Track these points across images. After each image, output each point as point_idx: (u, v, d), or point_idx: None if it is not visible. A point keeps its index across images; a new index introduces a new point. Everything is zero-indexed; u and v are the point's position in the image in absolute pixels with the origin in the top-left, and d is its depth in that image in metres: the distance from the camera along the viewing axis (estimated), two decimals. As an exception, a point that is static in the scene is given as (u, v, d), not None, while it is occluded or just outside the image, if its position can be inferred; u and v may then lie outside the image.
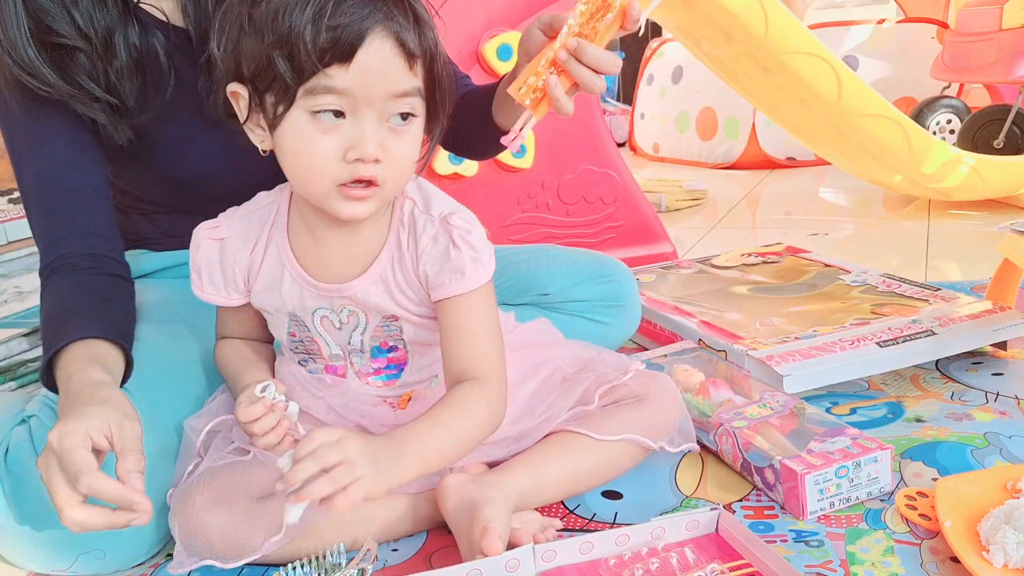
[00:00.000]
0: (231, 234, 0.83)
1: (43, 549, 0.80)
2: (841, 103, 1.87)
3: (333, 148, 0.71)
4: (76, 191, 0.88)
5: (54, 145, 0.88)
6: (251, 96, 0.73)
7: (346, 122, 0.71)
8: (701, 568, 0.73)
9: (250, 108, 0.74)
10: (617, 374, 0.91)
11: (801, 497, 0.82)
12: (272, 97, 0.71)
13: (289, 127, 0.72)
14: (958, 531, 0.74)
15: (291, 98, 0.70)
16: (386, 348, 0.85)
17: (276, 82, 0.70)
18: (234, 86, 0.74)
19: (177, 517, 0.77)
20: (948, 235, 1.92)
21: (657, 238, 1.82)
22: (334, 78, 0.69)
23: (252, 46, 0.71)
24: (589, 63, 0.80)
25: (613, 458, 0.88)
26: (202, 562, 0.76)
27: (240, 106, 0.75)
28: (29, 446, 0.80)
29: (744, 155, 3.00)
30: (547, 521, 0.82)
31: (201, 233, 0.84)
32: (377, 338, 0.84)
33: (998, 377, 1.12)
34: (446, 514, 0.80)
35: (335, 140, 0.71)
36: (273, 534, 0.75)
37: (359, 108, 0.70)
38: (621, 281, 1.15)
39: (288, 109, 0.71)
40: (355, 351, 0.85)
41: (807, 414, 0.94)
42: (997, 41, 2.27)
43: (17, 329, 1.36)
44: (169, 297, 0.98)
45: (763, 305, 1.31)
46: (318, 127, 0.71)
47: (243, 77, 0.73)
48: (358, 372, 0.86)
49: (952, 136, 2.63)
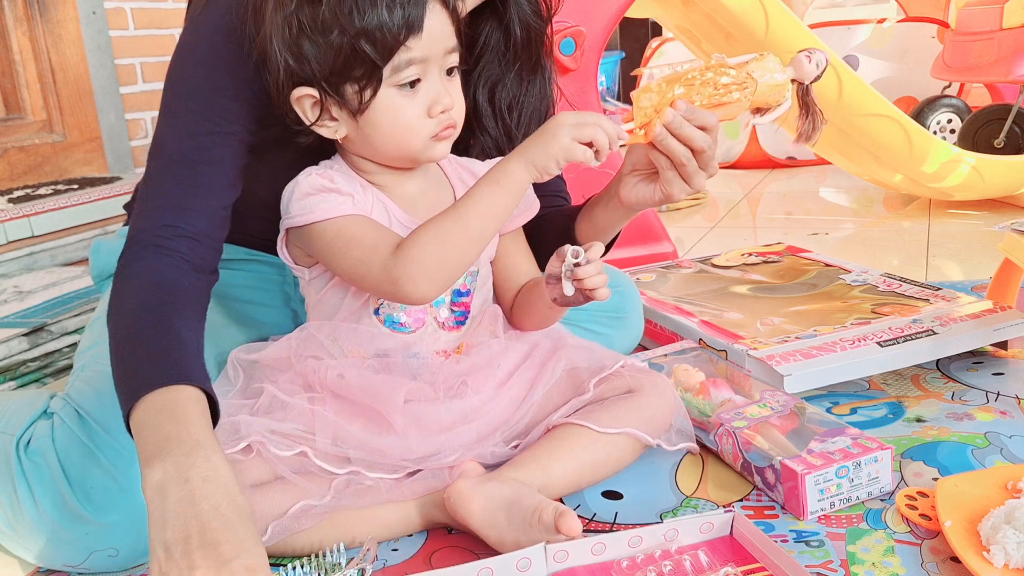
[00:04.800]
0: (340, 184, 0.85)
1: (58, 544, 0.80)
2: (842, 102, 1.87)
3: (421, 110, 0.80)
4: (215, 182, 0.85)
5: (221, 129, 0.84)
6: (322, 94, 0.79)
7: (422, 84, 0.80)
8: (715, 571, 0.73)
9: (321, 106, 0.80)
10: (612, 362, 0.92)
11: (801, 497, 0.82)
12: (355, 85, 0.78)
13: (379, 107, 0.79)
14: (958, 531, 0.74)
15: (378, 80, 0.78)
16: (464, 291, 0.91)
17: (358, 70, 0.77)
18: (299, 91, 0.79)
19: None
20: (949, 235, 1.92)
21: (657, 238, 1.82)
22: (412, 49, 0.77)
23: (320, 46, 0.76)
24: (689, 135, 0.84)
25: (615, 452, 0.88)
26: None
27: (305, 108, 0.81)
28: (50, 443, 0.80)
29: (744, 155, 3.00)
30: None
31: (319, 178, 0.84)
32: (457, 282, 0.89)
33: (999, 377, 1.12)
34: (470, 515, 0.78)
35: (419, 102, 0.80)
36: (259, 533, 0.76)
37: (429, 69, 0.80)
38: (623, 292, 1.15)
39: (376, 91, 0.78)
40: (438, 297, 0.88)
41: (807, 414, 0.94)
42: (998, 40, 2.27)
43: (17, 329, 1.36)
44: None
45: (763, 305, 1.31)
46: (405, 97, 0.80)
47: (309, 79, 0.78)
48: (438, 319, 0.89)
49: (953, 135, 2.63)
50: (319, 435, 0.82)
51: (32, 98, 2.39)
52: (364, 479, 0.82)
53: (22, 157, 2.34)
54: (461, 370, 0.88)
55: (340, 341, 0.88)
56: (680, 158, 0.84)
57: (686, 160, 0.85)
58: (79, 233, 2.03)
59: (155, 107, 2.68)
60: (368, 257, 0.80)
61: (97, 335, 0.93)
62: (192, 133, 0.83)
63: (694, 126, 0.83)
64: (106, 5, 2.52)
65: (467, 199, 0.80)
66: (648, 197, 0.90)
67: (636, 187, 0.91)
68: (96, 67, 2.51)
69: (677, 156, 0.84)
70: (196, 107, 0.84)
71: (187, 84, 0.85)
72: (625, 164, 0.92)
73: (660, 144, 0.84)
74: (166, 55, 2.71)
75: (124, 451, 0.79)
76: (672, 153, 0.84)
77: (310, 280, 0.90)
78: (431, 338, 0.89)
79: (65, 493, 0.78)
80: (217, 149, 0.84)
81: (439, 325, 0.90)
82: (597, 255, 0.82)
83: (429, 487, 0.83)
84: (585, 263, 0.81)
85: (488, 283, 0.96)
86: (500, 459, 0.86)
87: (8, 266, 1.87)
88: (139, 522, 0.79)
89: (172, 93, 0.86)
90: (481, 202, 0.79)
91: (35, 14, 2.37)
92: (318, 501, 0.79)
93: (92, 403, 0.81)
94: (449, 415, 0.85)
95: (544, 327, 0.96)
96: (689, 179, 0.86)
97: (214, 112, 0.83)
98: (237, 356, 0.90)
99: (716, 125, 0.84)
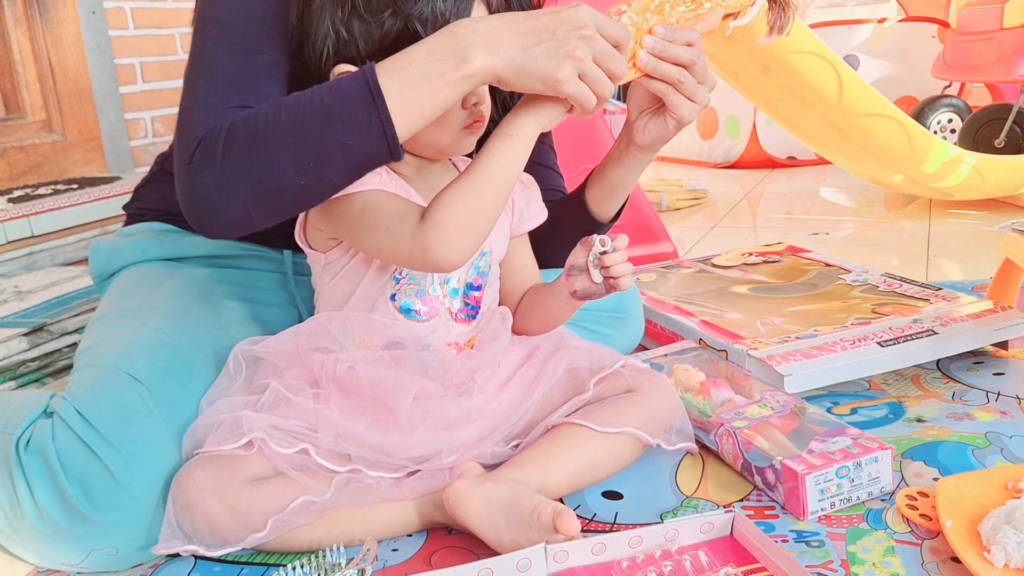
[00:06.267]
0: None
1: (58, 543, 0.80)
2: (842, 102, 1.87)
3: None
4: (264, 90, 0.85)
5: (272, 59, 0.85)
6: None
7: None
8: (715, 571, 0.73)
9: None
10: (612, 362, 0.92)
11: (802, 497, 0.82)
12: None
13: None
14: (959, 531, 0.74)
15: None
16: (476, 285, 0.91)
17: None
18: (341, 67, 0.81)
19: (171, 493, 0.78)
20: (949, 234, 1.92)
21: (657, 237, 1.82)
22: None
23: (371, 25, 0.79)
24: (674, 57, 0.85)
25: (614, 451, 0.88)
26: (187, 545, 0.77)
27: None
28: (50, 441, 0.80)
29: (745, 154, 3.00)
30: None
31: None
32: (470, 274, 0.90)
33: (999, 377, 1.12)
34: (469, 516, 0.78)
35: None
36: (257, 531, 0.77)
37: None
38: (623, 292, 1.15)
39: None
40: (451, 287, 0.89)
41: (808, 414, 0.94)
42: (998, 40, 2.28)
43: (17, 329, 1.36)
44: (192, 288, 0.98)
45: (764, 305, 1.31)
46: None
47: (354, 58, 0.81)
48: (451, 310, 0.90)
49: (953, 135, 2.63)
50: (322, 433, 0.82)
51: (32, 98, 2.39)
52: (364, 478, 0.82)
53: (22, 157, 2.34)
54: (472, 365, 0.88)
55: (352, 331, 0.87)
56: (675, 77, 0.85)
57: (683, 78, 0.86)
58: (79, 233, 2.03)
59: (155, 107, 2.69)
60: (396, 226, 0.80)
61: (97, 335, 0.93)
62: (248, 51, 0.84)
63: (678, 45, 0.85)
64: (106, 5, 2.52)
65: (483, 155, 0.80)
66: (662, 129, 0.92)
67: (648, 126, 0.93)
68: (96, 67, 2.51)
69: (672, 76, 0.85)
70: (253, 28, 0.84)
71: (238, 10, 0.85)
72: (630, 111, 0.95)
73: (651, 70, 0.85)
74: (166, 55, 2.72)
75: (124, 450, 0.79)
76: (666, 75, 0.85)
77: (325, 265, 0.90)
78: (444, 329, 0.90)
79: (65, 492, 0.78)
80: (269, 78, 0.84)
81: (452, 316, 0.90)
82: (623, 244, 0.85)
83: (429, 487, 0.83)
84: (612, 251, 0.84)
85: (497, 283, 0.96)
86: (500, 459, 0.86)
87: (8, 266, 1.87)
88: (139, 521, 0.79)
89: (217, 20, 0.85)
90: (498, 155, 0.79)
91: (35, 14, 2.37)
92: (318, 497, 0.79)
93: (92, 402, 0.81)
94: (455, 411, 0.85)
95: (552, 328, 0.97)
96: (692, 96, 0.87)
97: (267, 38, 0.85)
98: (241, 349, 0.90)
99: (698, 38, 0.86)
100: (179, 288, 0.97)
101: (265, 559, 0.82)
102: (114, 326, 0.93)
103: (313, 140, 0.75)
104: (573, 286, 0.87)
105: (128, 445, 0.79)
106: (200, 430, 0.83)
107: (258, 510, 0.77)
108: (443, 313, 0.90)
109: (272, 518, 0.77)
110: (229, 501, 0.77)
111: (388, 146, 0.76)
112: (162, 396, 0.84)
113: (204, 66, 0.84)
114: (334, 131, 0.75)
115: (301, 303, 1.04)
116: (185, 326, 0.92)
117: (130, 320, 0.92)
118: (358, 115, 0.75)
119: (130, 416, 0.81)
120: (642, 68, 0.85)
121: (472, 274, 0.91)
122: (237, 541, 0.78)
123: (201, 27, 0.86)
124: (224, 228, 0.81)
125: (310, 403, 0.84)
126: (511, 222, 0.96)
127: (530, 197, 0.97)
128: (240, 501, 0.77)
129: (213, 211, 0.79)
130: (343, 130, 0.75)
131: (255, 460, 0.80)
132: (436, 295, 0.89)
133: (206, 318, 0.95)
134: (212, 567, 0.81)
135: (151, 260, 1.04)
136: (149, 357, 0.86)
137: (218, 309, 0.97)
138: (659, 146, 0.95)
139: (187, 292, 0.97)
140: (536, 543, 0.73)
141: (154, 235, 1.05)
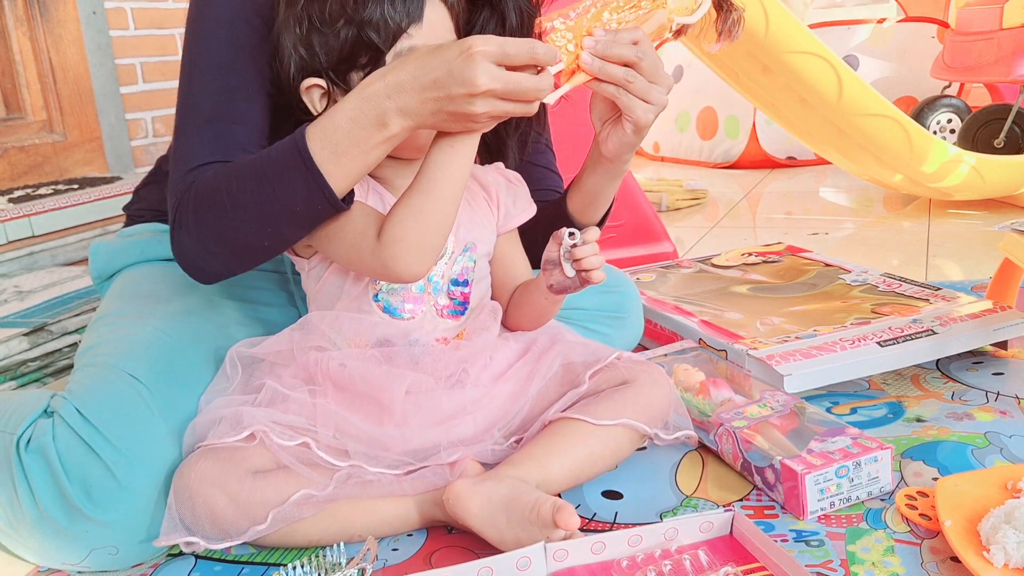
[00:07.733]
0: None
1: (58, 543, 0.80)
2: (841, 102, 1.87)
3: None
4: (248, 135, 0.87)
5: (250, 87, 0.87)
6: (330, 84, 0.83)
7: None
8: (715, 570, 0.73)
9: (329, 96, 0.84)
10: (606, 355, 0.92)
11: (801, 497, 0.82)
12: (360, 73, 0.82)
13: None
14: (958, 531, 0.74)
15: (382, 66, 0.80)
16: (461, 280, 0.92)
17: (363, 57, 0.81)
18: (309, 81, 0.84)
19: (173, 486, 0.79)
20: (948, 234, 1.92)
21: (657, 237, 1.82)
22: (414, 37, 0.82)
23: (328, 37, 0.81)
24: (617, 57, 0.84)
25: (612, 444, 0.88)
26: (188, 537, 0.78)
27: (313, 99, 0.85)
28: (51, 441, 0.80)
29: (744, 154, 3.00)
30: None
31: None
32: (454, 270, 0.91)
33: (999, 377, 1.12)
34: (469, 515, 0.78)
35: None
36: (258, 523, 0.77)
37: None
38: (623, 292, 1.15)
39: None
40: (435, 284, 0.90)
41: (807, 414, 0.94)
42: (997, 40, 2.28)
43: (17, 329, 1.36)
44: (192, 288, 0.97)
45: (763, 304, 1.31)
46: None
47: (318, 70, 0.83)
48: (436, 307, 0.90)
49: (952, 135, 2.63)
50: (321, 427, 0.82)
51: (32, 98, 2.39)
52: (365, 474, 0.82)
53: (22, 157, 2.35)
54: (462, 356, 0.88)
55: (342, 331, 0.88)
56: (622, 77, 0.84)
57: (631, 78, 0.84)
58: (79, 233, 2.03)
59: (155, 107, 2.69)
60: (359, 242, 0.82)
61: (98, 335, 0.93)
62: (227, 87, 0.86)
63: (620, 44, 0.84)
64: (106, 5, 2.53)
65: (426, 167, 0.80)
66: (622, 136, 0.90)
67: (610, 135, 0.92)
68: (96, 67, 2.51)
69: (618, 77, 0.84)
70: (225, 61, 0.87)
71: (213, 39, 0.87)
72: (594, 122, 0.94)
73: (596, 72, 0.84)
74: (166, 55, 2.72)
75: (124, 450, 0.79)
76: (612, 77, 0.84)
77: (309, 271, 0.91)
78: (430, 325, 0.90)
79: (65, 491, 0.78)
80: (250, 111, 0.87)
81: (438, 312, 0.91)
82: (593, 237, 0.85)
83: (430, 484, 0.83)
84: (582, 243, 0.84)
85: (487, 279, 0.97)
86: (500, 457, 0.86)
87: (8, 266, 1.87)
88: (139, 520, 0.80)
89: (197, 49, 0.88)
90: (440, 167, 0.80)
91: (35, 14, 2.37)
92: (319, 491, 0.79)
93: (93, 402, 0.82)
94: (449, 404, 0.85)
95: (542, 323, 0.97)
96: (644, 96, 0.86)
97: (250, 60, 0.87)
98: (237, 351, 0.90)
99: (644, 37, 0.85)
100: (179, 288, 0.98)
101: (266, 558, 0.82)
102: (115, 326, 0.93)
103: (266, 207, 0.79)
104: (549, 280, 0.88)
105: (129, 445, 0.80)
106: (200, 427, 0.83)
107: (260, 502, 0.77)
108: (428, 310, 0.90)
109: (273, 510, 0.77)
110: (232, 492, 0.77)
111: (331, 205, 0.79)
112: (162, 396, 0.84)
113: (188, 105, 0.88)
114: (280, 199, 0.79)
115: (301, 303, 1.04)
116: (185, 326, 0.93)
117: (131, 320, 0.93)
118: (296, 184, 0.78)
119: (131, 416, 0.81)
120: (587, 70, 0.83)
121: (456, 270, 0.91)
122: (238, 534, 0.78)
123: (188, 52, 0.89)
124: (211, 278, 0.88)
125: (307, 398, 0.84)
126: (496, 219, 0.96)
127: (516, 194, 0.97)
128: (242, 492, 0.77)
129: (196, 267, 0.86)
130: (287, 197, 0.78)
131: (257, 453, 0.80)
132: (419, 293, 0.90)
133: (206, 318, 0.95)
134: (212, 567, 0.81)
135: (151, 261, 1.04)
136: (150, 357, 0.87)
137: (218, 309, 0.97)
138: (626, 155, 0.94)
139: (187, 292, 0.97)
140: (537, 539, 0.73)
141: (154, 236, 1.06)
